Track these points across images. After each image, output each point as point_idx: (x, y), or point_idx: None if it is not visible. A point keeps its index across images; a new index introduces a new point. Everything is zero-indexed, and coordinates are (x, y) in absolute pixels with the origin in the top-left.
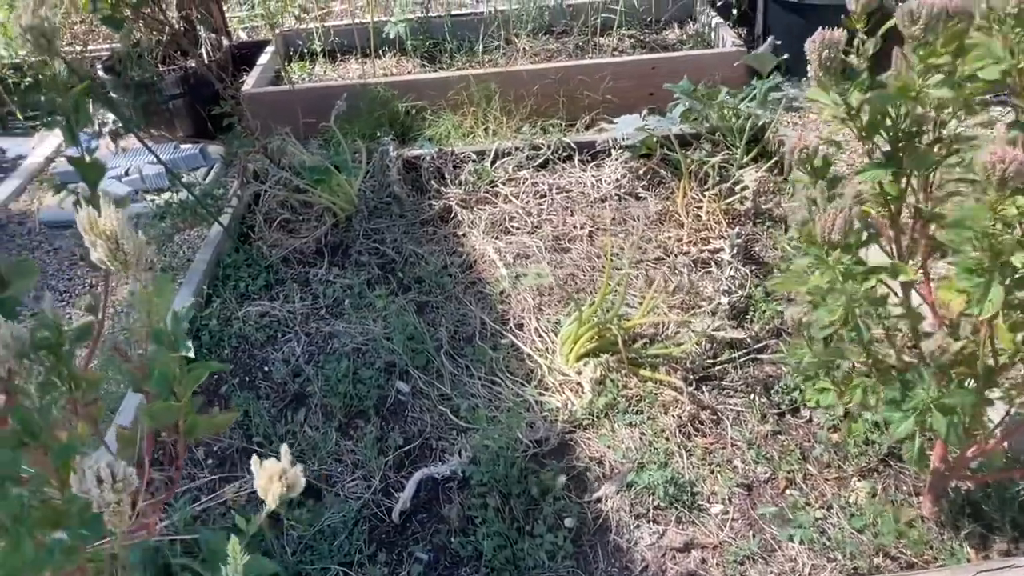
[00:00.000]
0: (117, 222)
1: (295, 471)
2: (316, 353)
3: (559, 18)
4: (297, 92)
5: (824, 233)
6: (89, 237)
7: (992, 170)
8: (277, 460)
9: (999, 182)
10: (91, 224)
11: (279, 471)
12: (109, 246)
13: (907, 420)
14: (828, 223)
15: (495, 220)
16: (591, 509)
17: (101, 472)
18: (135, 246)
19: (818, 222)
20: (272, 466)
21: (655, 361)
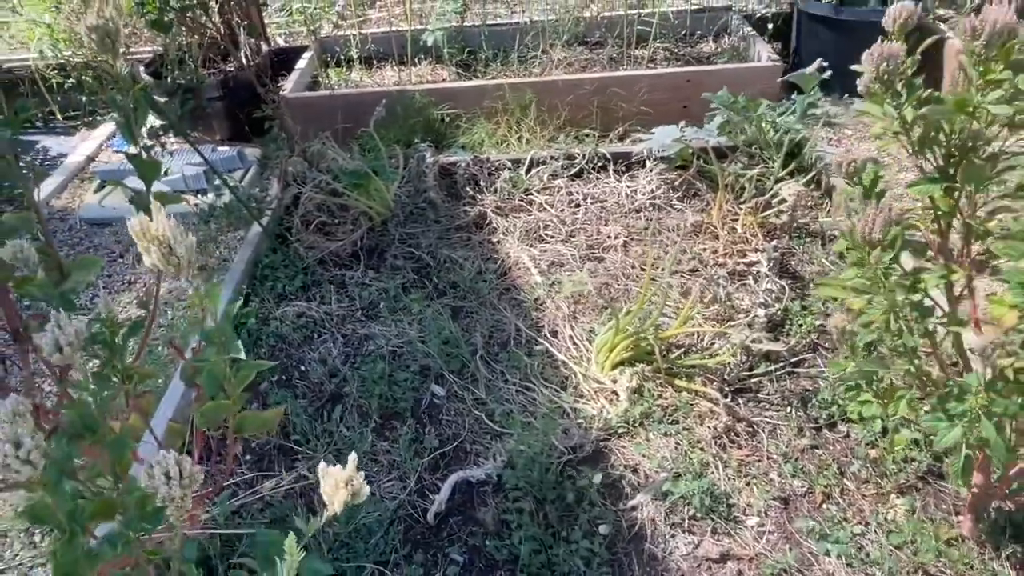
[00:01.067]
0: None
1: (360, 478)
2: (352, 354)
3: (594, 29)
4: (336, 97)
5: (865, 232)
6: (142, 243)
7: None
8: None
9: None
10: (144, 230)
11: (346, 478)
12: (162, 251)
13: (954, 429)
14: (869, 222)
15: (530, 228)
16: (626, 517)
17: (171, 468)
18: (187, 249)
19: (858, 222)
20: (339, 473)
21: (691, 372)
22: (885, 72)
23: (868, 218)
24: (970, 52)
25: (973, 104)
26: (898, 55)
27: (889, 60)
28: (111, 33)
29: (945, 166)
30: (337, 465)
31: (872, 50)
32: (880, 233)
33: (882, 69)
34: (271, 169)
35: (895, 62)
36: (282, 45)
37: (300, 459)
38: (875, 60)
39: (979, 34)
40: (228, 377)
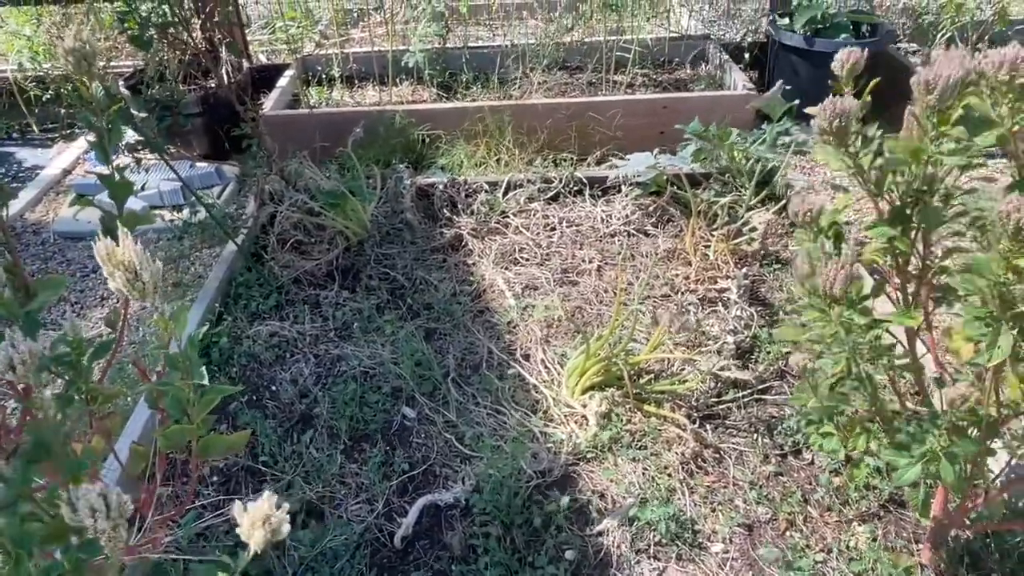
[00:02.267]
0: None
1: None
2: (324, 375)
3: (574, 54)
4: (315, 116)
5: (826, 287)
6: (107, 268)
7: (1008, 220)
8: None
9: (1014, 231)
10: (109, 254)
11: (263, 516)
12: (127, 276)
13: (914, 467)
14: (830, 277)
15: (505, 250)
16: (592, 542)
17: (94, 502)
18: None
19: (820, 276)
20: (256, 511)
21: (660, 397)
22: (837, 128)
23: (830, 273)
24: (924, 106)
25: (928, 154)
26: (850, 111)
27: (841, 116)
28: (88, 56)
29: (902, 207)
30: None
31: (824, 105)
32: (841, 289)
33: (834, 125)
34: (249, 187)
35: (847, 119)
36: (264, 63)
37: (268, 481)
38: (828, 116)
39: (932, 88)
40: (192, 402)
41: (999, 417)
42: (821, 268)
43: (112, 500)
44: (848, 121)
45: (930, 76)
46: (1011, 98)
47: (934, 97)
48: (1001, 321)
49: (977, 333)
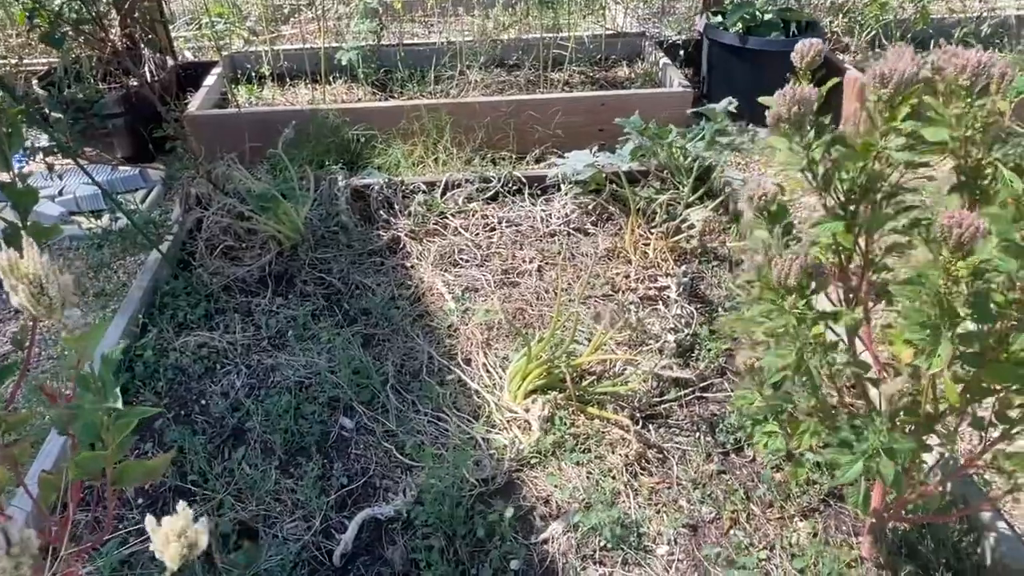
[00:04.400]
0: (41, 266)
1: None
2: (257, 386)
3: (511, 52)
4: (243, 116)
5: (780, 278)
6: (9, 281)
7: (949, 233)
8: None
9: (955, 244)
10: (11, 267)
11: (179, 530)
12: (32, 290)
13: (856, 464)
14: (785, 268)
15: (444, 252)
16: (537, 550)
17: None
18: (60, 290)
19: (774, 267)
20: (171, 525)
21: (603, 399)
22: (796, 115)
23: (785, 264)
24: (877, 99)
25: (876, 149)
26: (811, 99)
27: (801, 103)
28: None
29: (846, 203)
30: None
31: (785, 91)
32: (795, 280)
33: (793, 111)
34: (175, 190)
35: (808, 106)
36: (190, 60)
37: (198, 501)
38: (788, 102)
39: (888, 81)
40: (106, 426)
41: (936, 414)
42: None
43: (14, 535)
44: (807, 109)
45: (885, 70)
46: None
47: (888, 91)
48: (941, 329)
49: (917, 338)
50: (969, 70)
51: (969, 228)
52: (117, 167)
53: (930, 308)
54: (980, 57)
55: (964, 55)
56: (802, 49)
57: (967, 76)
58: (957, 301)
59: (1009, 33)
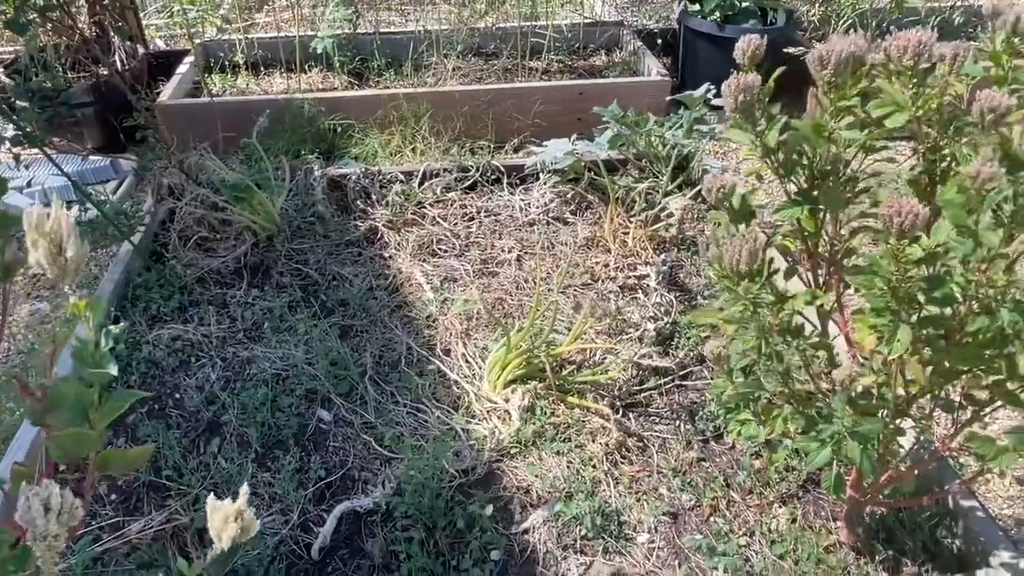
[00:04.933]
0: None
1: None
2: (232, 379)
3: (489, 40)
4: (217, 105)
5: (732, 263)
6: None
7: (891, 222)
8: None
9: (898, 232)
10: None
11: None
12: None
13: (824, 449)
14: (736, 254)
15: (422, 242)
16: (518, 540)
17: (52, 499)
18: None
19: (726, 253)
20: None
21: (583, 388)
22: (743, 103)
23: (735, 249)
24: (820, 80)
25: (828, 130)
26: (754, 86)
27: (746, 91)
28: None
29: (809, 188)
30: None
31: (729, 82)
32: (747, 265)
33: (740, 100)
34: (147, 181)
35: (751, 92)
36: (162, 48)
37: (172, 496)
38: (733, 92)
39: (827, 63)
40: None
41: (907, 397)
42: (727, 245)
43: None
44: (752, 96)
45: (824, 52)
46: (914, 83)
47: (828, 72)
48: (899, 314)
49: (879, 324)
50: (910, 51)
51: (908, 216)
52: (87, 157)
53: (886, 295)
54: (920, 37)
55: (905, 36)
56: (743, 45)
57: (909, 56)
58: (914, 287)
59: (982, 23)
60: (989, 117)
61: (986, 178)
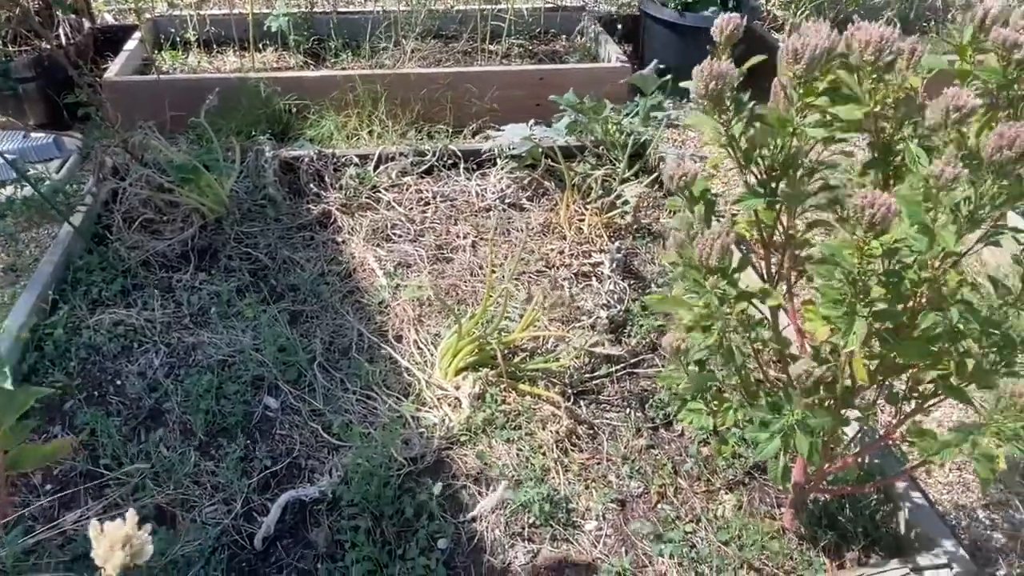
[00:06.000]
0: None
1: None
2: (177, 365)
3: (448, 23)
4: (165, 83)
5: (702, 258)
6: None
7: (861, 213)
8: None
9: (868, 225)
10: None
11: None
12: None
13: (773, 441)
14: (706, 248)
15: (376, 227)
16: (466, 529)
17: None
18: None
19: (696, 247)
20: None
21: (534, 375)
22: (714, 91)
23: (706, 243)
24: (791, 75)
25: (793, 125)
26: (728, 75)
27: (719, 79)
28: None
29: (767, 180)
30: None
31: (702, 67)
32: (717, 260)
33: (711, 88)
34: (91, 160)
35: (724, 81)
36: (111, 23)
37: (111, 486)
38: (704, 78)
39: (800, 57)
40: None
41: (853, 388)
42: (698, 238)
43: None
44: (725, 85)
45: (798, 45)
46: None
47: (801, 67)
48: (856, 307)
49: (834, 315)
50: (872, 45)
51: (881, 209)
52: (29, 135)
53: (845, 287)
54: (883, 32)
55: (868, 30)
56: (722, 24)
57: (871, 51)
58: (871, 280)
59: (936, 16)
60: (954, 116)
61: (949, 179)
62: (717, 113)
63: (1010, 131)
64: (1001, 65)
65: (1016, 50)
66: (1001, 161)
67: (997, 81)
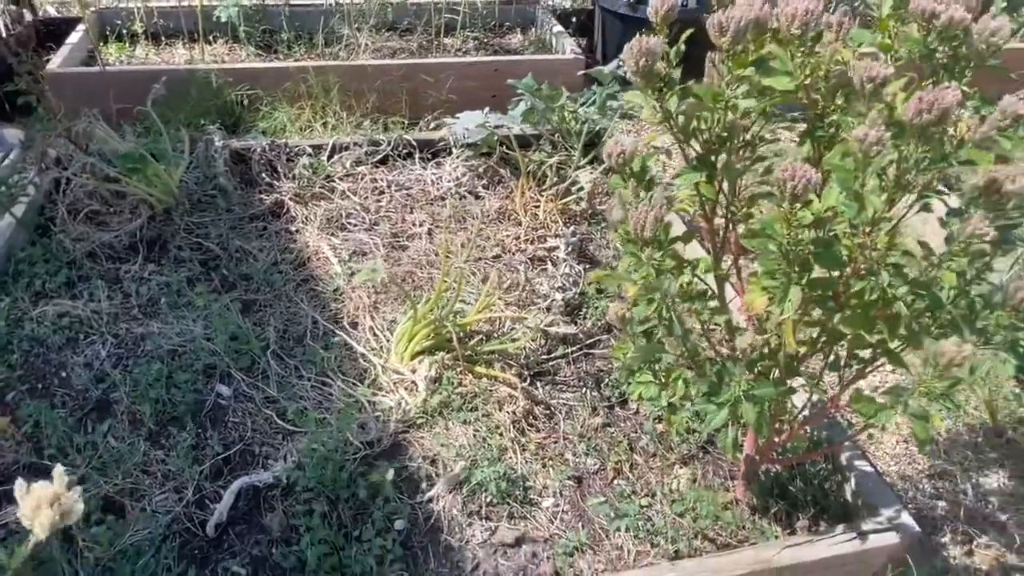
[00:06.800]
0: None
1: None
2: (125, 356)
3: (403, 15)
4: (111, 75)
5: (637, 230)
6: None
7: (784, 186)
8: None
9: (791, 196)
10: None
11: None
12: None
13: (721, 412)
14: (640, 220)
15: (331, 216)
16: (423, 510)
17: None
18: None
19: (631, 220)
20: (42, 491)
21: (491, 358)
22: (644, 67)
23: (640, 216)
24: (719, 48)
25: (725, 98)
26: (656, 50)
27: (647, 55)
28: None
29: (706, 154)
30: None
31: (631, 44)
32: (651, 231)
33: (641, 64)
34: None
35: (653, 56)
36: (53, 15)
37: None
38: (634, 55)
39: (726, 30)
40: None
41: (797, 356)
42: (632, 211)
43: None
44: (654, 59)
45: (723, 19)
46: (802, 52)
47: (727, 40)
48: (790, 276)
49: (771, 286)
50: (798, 19)
51: (801, 180)
52: None
53: (778, 258)
54: (808, 5)
55: (794, 4)
56: (657, 4)
57: (797, 25)
58: (804, 250)
59: None
60: (868, 87)
61: (872, 142)
62: (650, 90)
63: (928, 96)
64: (922, 35)
65: (935, 19)
66: (922, 124)
67: (919, 51)
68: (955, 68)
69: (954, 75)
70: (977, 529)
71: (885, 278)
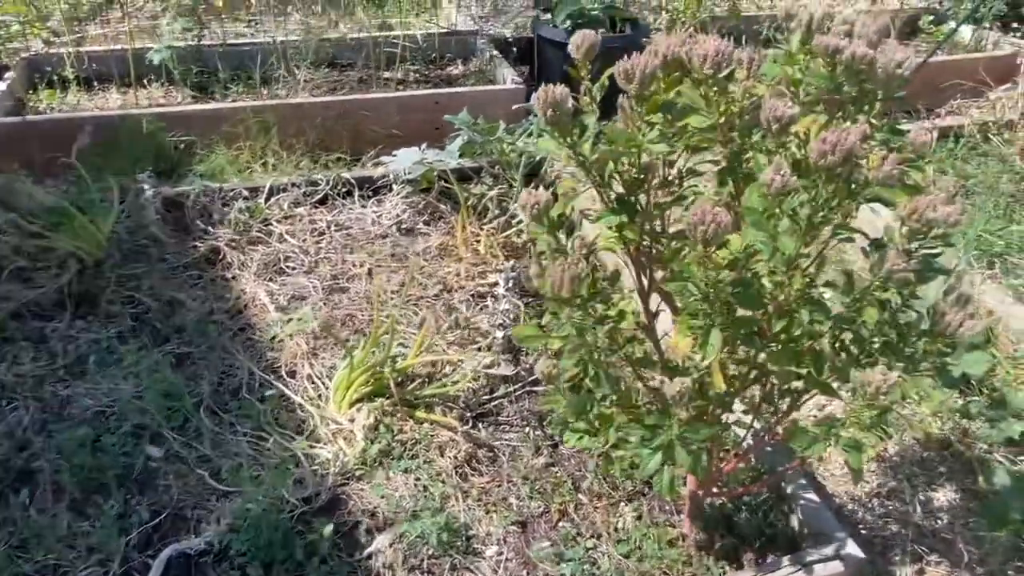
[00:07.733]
0: None
1: None
2: (49, 421)
3: (343, 51)
4: (34, 124)
5: (555, 290)
6: None
7: (695, 231)
8: None
9: (703, 240)
10: None
11: None
12: None
13: (655, 456)
14: (557, 280)
15: (268, 260)
16: (362, 567)
17: None
18: None
19: (547, 279)
20: None
21: (431, 401)
22: (552, 118)
23: (557, 275)
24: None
25: (638, 143)
26: (564, 99)
27: (555, 106)
28: None
29: (627, 194)
30: None
31: (538, 94)
32: (568, 292)
33: (549, 115)
34: None
35: (563, 107)
36: None
37: None
38: (543, 106)
39: (632, 77)
40: None
41: (731, 392)
42: (550, 268)
43: None
44: (563, 109)
45: (628, 66)
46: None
47: (635, 86)
48: (712, 319)
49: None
50: (710, 59)
51: (711, 224)
52: None
53: (699, 300)
54: (718, 45)
55: (704, 44)
56: (577, 40)
57: (709, 65)
58: (725, 290)
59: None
60: (775, 126)
61: (779, 187)
62: (563, 137)
63: (831, 136)
64: (827, 70)
65: (838, 55)
66: (827, 166)
67: (826, 86)
68: (863, 102)
69: (862, 109)
70: (927, 547)
71: (805, 316)
